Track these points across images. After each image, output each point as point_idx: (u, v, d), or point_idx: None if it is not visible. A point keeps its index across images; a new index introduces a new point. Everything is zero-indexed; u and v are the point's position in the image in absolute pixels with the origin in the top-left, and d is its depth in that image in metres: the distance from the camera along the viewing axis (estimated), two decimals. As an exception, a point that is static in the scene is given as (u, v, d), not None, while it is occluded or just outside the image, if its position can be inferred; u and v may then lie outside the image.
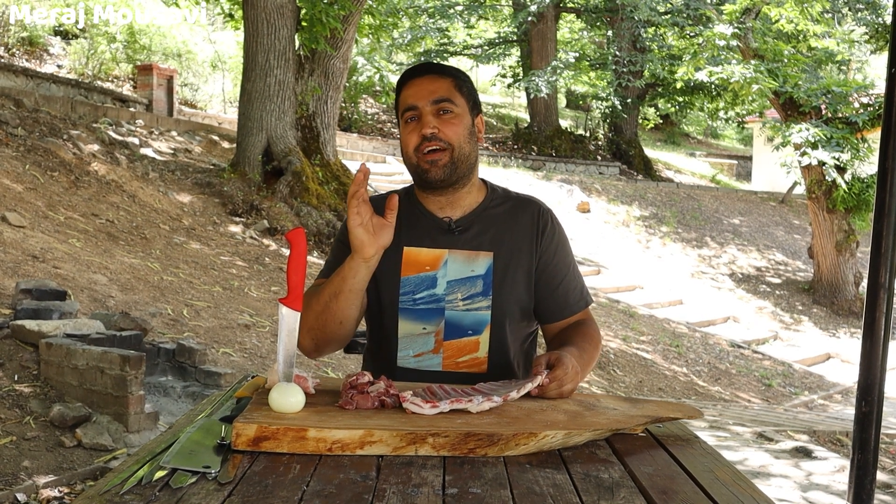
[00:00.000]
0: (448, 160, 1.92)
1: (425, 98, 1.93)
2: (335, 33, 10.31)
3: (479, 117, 2.04)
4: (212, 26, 17.85)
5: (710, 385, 8.91)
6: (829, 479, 4.59)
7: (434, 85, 1.95)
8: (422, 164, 1.93)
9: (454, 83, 1.97)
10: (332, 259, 2.04)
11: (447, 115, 1.93)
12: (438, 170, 1.92)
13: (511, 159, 18.71)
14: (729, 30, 12.95)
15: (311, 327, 1.90)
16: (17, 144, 8.34)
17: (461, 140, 1.94)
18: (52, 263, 5.92)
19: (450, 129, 1.92)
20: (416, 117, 1.94)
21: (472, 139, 1.97)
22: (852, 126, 12.58)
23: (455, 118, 1.94)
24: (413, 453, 1.35)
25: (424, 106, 1.93)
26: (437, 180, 1.94)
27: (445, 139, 1.92)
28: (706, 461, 1.47)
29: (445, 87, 1.95)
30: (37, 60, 13.69)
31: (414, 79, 1.98)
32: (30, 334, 4.49)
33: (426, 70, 1.99)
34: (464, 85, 2.00)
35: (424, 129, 1.91)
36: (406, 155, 1.98)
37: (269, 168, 9.74)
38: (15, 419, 3.92)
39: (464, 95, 1.98)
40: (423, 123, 1.92)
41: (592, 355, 1.98)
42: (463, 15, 21.34)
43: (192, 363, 4.89)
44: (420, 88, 1.95)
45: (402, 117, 1.97)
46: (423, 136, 1.91)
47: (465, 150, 1.95)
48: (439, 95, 1.93)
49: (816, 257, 13.86)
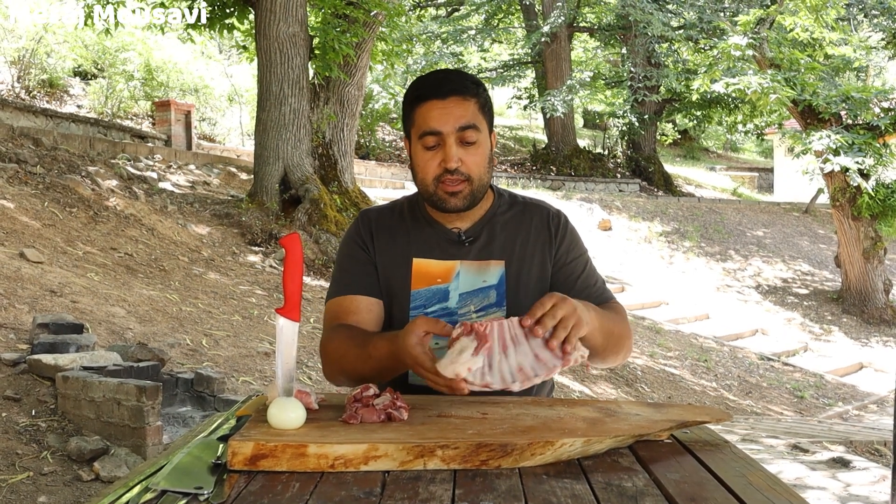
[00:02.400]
0: (468, 191, 1.82)
1: (451, 124, 1.78)
2: (348, 60, 10.33)
3: (493, 134, 1.92)
4: (227, 60, 18.03)
5: (740, 399, 8.73)
6: (868, 489, 4.43)
7: (460, 109, 1.79)
8: (440, 194, 1.82)
9: (478, 104, 1.82)
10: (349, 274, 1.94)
11: (471, 145, 1.80)
12: (458, 200, 1.82)
13: (530, 180, 18.66)
14: (744, 40, 12.85)
15: (339, 375, 1.85)
16: (35, 182, 8.39)
17: (482, 171, 1.83)
18: (70, 298, 5.90)
19: (472, 160, 1.80)
20: (438, 144, 1.79)
21: (490, 165, 1.87)
22: (874, 131, 12.41)
23: (478, 148, 1.81)
24: (421, 467, 1.27)
25: (449, 134, 1.78)
26: (455, 210, 1.84)
27: (467, 172, 1.80)
28: (738, 466, 1.37)
29: (471, 112, 1.80)
30: (57, 101, 13.86)
31: (437, 100, 1.80)
32: (46, 368, 4.45)
33: (450, 90, 1.80)
34: (486, 103, 1.86)
35: (449, 164, 1.78)
36: (422, 181, 1.84)
37: (286, 197, 9.73)
38: (32, 454, 3.86)
39: (486, 116, 1.85)
40: (447, 156, 1.78)
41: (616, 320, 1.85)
42: (476, 39, 21.42)
43: (210, 392, 4.82)
44: (445, 112, 1.78)
45: (420, 139, 1.81)
46: (445, 168, 1.79)
47: (485, 181, 1.85)
48: (465, 122, 1.79)
49: (844, 266, 13.63)
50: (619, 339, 1.85)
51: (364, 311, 1.89)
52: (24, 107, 11.50)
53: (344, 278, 1.94)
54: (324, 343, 1.88)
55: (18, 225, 7.23)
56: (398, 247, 1.92)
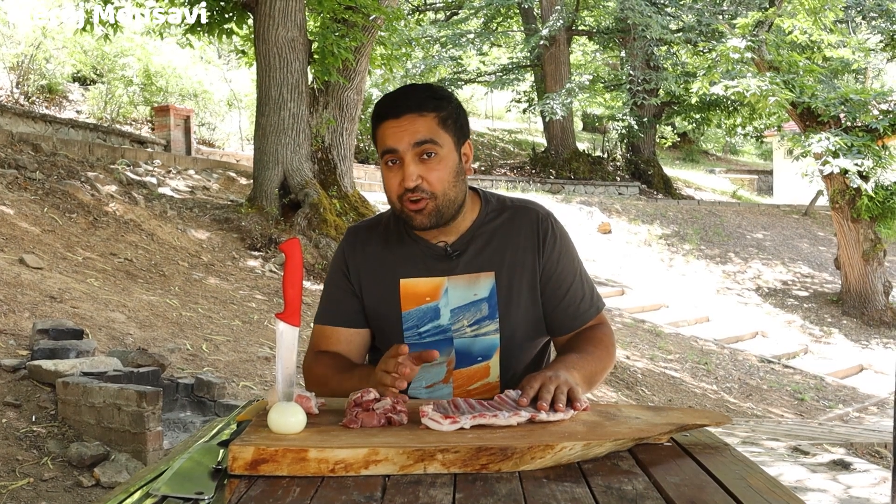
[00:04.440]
0: (433, 208, 1.78)
1: (406, 141, 1.75)
2: (347, 65, 10.34)
3: (467, 143, 1.87)
4: (227, 65, 18.04)
5: (741, 401, 8.73)
6: (869, 491, 4.42)
7: (414, 125, 1.76)
8: (406, 211, 1.80)
9: (437, 119, 1.79)
10: (332, 304, 1.95)
11: (431, 159, 1.77)
12: (423, 217, 1.79)
13: (529, 184, 18.67)
14: (742, 43, 12.86)
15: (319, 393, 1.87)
16: (35, 188, 8.39)
17: (446, 186, 1.78)
18: (70, 303, 5.90)
19: (434, 175, 1.77)
20: (398, 160, 1.77)
21: (459, 178, 1.82)
22: (872, 133, 12.41)
23: (439, 162, 1.78)
24: (421, 471, 1.27)
25: (405, 152, 1.76)
26: (422, 227, 1.81)
27: (430, 189, 1.77)
28: (738, 469, 1.37)
29: (427, 127, 1.77)
30: (56, 107, 13.87)
31: (391, 119, 1.78)
32: (46, 374, 4.45)
33: (405, 108, 1.78)
34: (448, 117, 1.81)
35: (407, 182, 1.75)
36: (390, 200, 1.83)
37: (286, 201, 9.73)
38: (32, 460, 3.86)
39: (448, 130, 1.80)
40: (405, 174, 1.76)
41: (600, 357, 1.84)
42: (475, 43, 21.41)
43: (211, 397, 4.82)
44: (398, 130, 1.76)
45: (382, 158, 1.80)
46: (405, 187, 1.77)
47: (451, 196, 1.80)
48: (420, 137, 1.76)
49: (843, 268, 13.62)
50: (601, 374, 1.85)
51: (344, 343, 1.93)
52: (23, 112, 11.50)
53: (328, 307, 1.96)
54: (307, 365, 1.92)
55: (18, 231, 7.23)
56: (385, 269, 1.91)
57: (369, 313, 1.93)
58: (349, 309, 1.93)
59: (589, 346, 1.84)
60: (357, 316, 1.93)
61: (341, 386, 1.76)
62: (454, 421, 1.39)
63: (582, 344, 1.86)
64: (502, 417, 1.42)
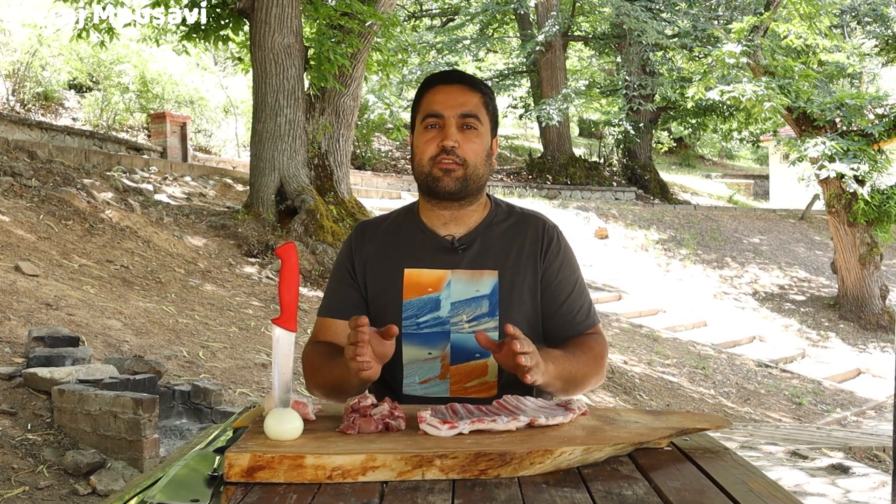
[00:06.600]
0: (461, 174, 1.84)
1: (453, 109, 1.85)
2: (343, 71, 10.33)
3: (495, 140, 1.97)
4: (223, 72, 18.03)
5: (739, 406, 8.72)
6: (868, 495, 4.41)
7: (464, 97, 1.87)
8: (434, 172, 1.85)
9: (483, 100, 1.90)
10: (333, 297, 1.99)
11: (470, 131, 1.86)
12: (451, 181, 1.84)
13: (526, 189, 18.67)
14: (738, 48, 12.88)
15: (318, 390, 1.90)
16: (30, 195, 8.37)
17: (478, 160, 1.87)
18: (66, 311, 5.88)
19: (469, 146, 1.85)
20: (439, 125, 1.86)
21: (487, 160, 1.91)
22: (868, 138, 12.44)
23: (477, 136, 1.87)
24: (420, 477, 1.26)
25: (450, 117, 1.85)
26: (446, 191, 1.86)
27: (463, 156, 1.84)
28: (738, 473, 1.36)
29: (475, 102, 1.88)
30: (52, 114, 13.85)
31: (444, 85, 1.89)
32: (42, 382, 4.43)
33: (458, 79, 1.91)
34: (490, 103, 1.93)
35: (446, 141, 1.83)
36: (419, 162, 1.89)
37: (282, 207, 9.71)
38: (28, 468, 3.84)
39: (489, 114, 1.92)
40: (446, 135, 1.84)
41: (584, 362, 1.85)
42: (471, 48, 21.43)
43: (207, 404, 4.80)
44: (449, 97, 1.86)
45: (422, 122, 1.88)
46: (442, 147, 1.83)
47: (479, 171, 1.88)
48: (467, 109, 1.86)
49: (840, 272, 13.63)
50: (583, 380, 1.86)
51: (341, 334, 1.92)
52: (18, 120, 11.48)
53: (331, 300, 2.00)
54: (305, 354, 1.96)
55: (14, 238, 7.21)
56: (391, 257, 1.94)
57: (371, 301, 1.95)
58: (349, 303, 1.96)
59: (576, 350, 1.86)
60: (356, 310, 1.95)
61: (332, 373, 1.80)
62: (452, 426, 1.38)
63: (570, 346, 1.88)
64: (501, 422, 1.41)
